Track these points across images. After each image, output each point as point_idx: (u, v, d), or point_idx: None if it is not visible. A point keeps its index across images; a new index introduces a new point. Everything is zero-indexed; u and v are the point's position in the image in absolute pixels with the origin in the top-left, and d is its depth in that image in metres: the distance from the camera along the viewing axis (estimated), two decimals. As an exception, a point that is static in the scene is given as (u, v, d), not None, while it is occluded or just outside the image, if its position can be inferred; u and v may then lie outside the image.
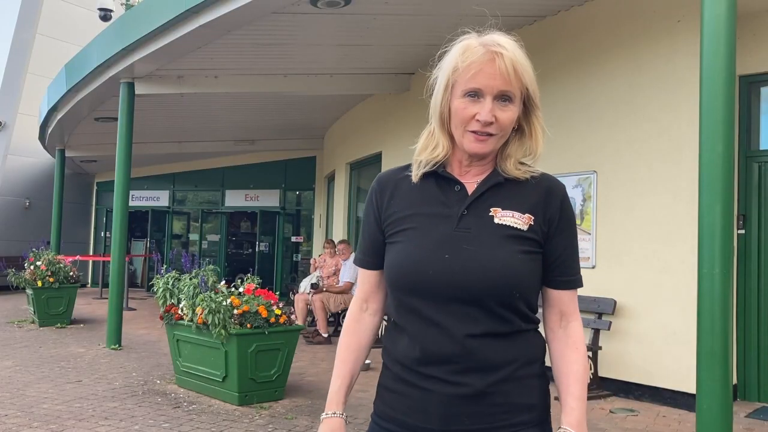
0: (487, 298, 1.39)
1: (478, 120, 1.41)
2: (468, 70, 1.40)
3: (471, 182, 1.49)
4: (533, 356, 1.46)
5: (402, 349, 1.47)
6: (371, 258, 1.58)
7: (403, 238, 1.48)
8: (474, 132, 1.42)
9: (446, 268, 1.40)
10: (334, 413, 1.55)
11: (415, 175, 1.51)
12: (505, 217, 1.44)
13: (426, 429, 1.43)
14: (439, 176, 1.50)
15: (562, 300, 1.52)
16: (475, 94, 1.41)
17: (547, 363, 1.53)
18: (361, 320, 1.61)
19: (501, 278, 1.39)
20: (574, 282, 1.52)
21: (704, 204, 3.56)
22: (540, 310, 1.54)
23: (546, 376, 1.50)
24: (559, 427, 1.44)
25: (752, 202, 5.70)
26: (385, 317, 1.63)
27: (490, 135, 1.43)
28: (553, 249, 1.48)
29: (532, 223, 1.45)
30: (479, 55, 1.40)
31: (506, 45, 1.41)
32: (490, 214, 1.45)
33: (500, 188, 1.47)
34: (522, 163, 1.50)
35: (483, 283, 1.39)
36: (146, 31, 7.08)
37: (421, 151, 1.51)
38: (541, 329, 1.53)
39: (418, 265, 1.43)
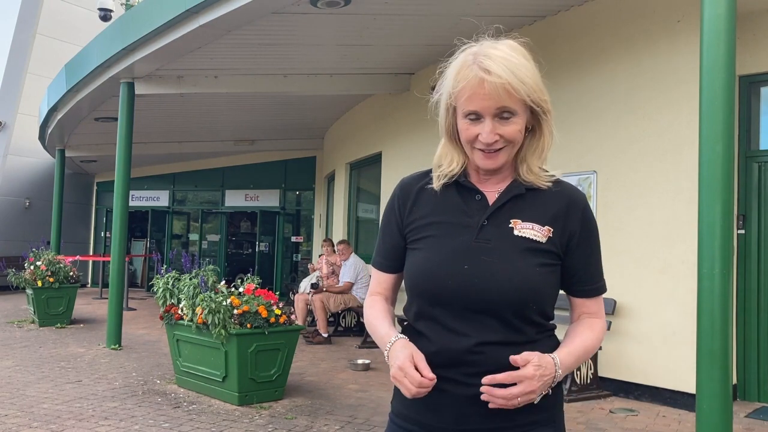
0: (504, 310, 1.42)
1: (481, 141, 1.43)
2: (461, 95, 1.42)
3: (492, 191, 1.51)
4: None
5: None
6: (390, 262, 1.60)
7: (424, 246, 1.51)
8: (482, 150, 1.45)
9: (465, 279, 1.43)
10: (397, 337, 1.48)
11: (436, 185, 1.53)
12: (525, 230, 1.46)
13: (440, 428, 1.46)
14: (460, 185, 1.52)
15: (586, 305, 1.56)
16: (474, 116, 1.43)
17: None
18: (384, 302, 1.63)
19: (518, 291, 1.42)
20: (597, 290, 1.56)
21: (704, 204, 3.56)
22: (556, 315, 1.56)
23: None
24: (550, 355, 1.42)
25: (752, 202, 5.70)
26: (399, 318, 1.64)
27: (498, 150, 1.44)
28: (575, 261, 1.51)
29: (551, 236, 1.47)
30: (469, 79, 1.39)
31: (496, 61, 1.38)
32: (510, 225, 1.47)
33: (521, 199, 1.49)
34: (541, 168, 1.51)
35: (501, 295, 1.41)
36: (146, 31, 7.08)
37: (440, 159, 1.55)
38: (556, 332, 1.55)
39: (438, 274, 1.46)
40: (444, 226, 1.50)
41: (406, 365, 1.37)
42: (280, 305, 5.65)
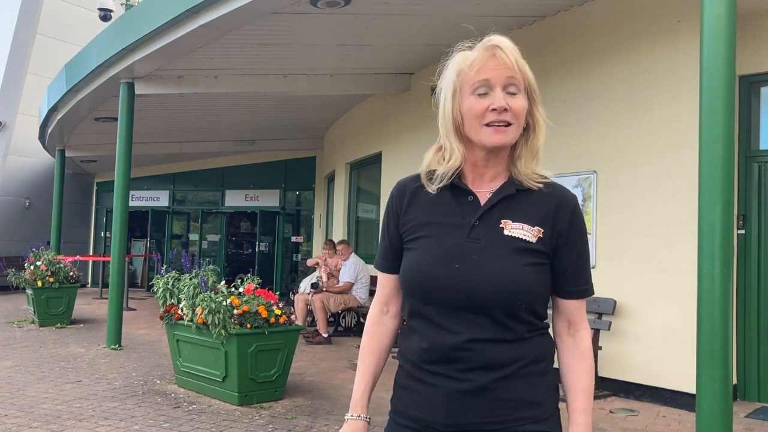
0: (493, 308, 1.44)
1: (493, 109, 1.45)
2: (472, 68, 1.47)
3: (484, 191, 1.53)
4: (540, 355, 1.50)
5: (412, 348, 1.53)
6: (390, 262, 1.63)
7: (417, 246, 1.54)
8: (490, 125, 1.46)
9: (455, 278, 1.45)
10: (359, 416, 1.61)
11: (432, 188, 1.56)
12: (515, 230, 1.48)
13: (433, 422, 1.48)
14: (454, 186, 1.54)
15: (571, 309, 1.57)
16: (484, 90, 1.45)
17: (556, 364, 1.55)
18: (382, 323, 1.67)
19: (507, 290, 1.44)
20: (583, 292, 1.57)
21: (704, 204, 3.56)
22: (549, 313, 1.57)
23: (554, 374, 1.54)
24: None
25: (752, 202, 5.70)
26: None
27: (508, 124, 1.46)
28: (562, 260, 1.52)
29: (541, 236, 1.49)
30: (480, 54, 1.47)
31: (503, 40, 1.49)
32: (501, 225, 1.49)
33: (512, 199, 1.51)
34: (534, 172, 1.54)
35: (490, 293, 1.43)
36: (146, 31, 7.08)
37: (430, 165, 1.57)
38: (550, 330, 1.56)
39: (428, 273, 1.48)
40: (437, 226, 1.52)
41: None
42: (280, 305, 5.65)
